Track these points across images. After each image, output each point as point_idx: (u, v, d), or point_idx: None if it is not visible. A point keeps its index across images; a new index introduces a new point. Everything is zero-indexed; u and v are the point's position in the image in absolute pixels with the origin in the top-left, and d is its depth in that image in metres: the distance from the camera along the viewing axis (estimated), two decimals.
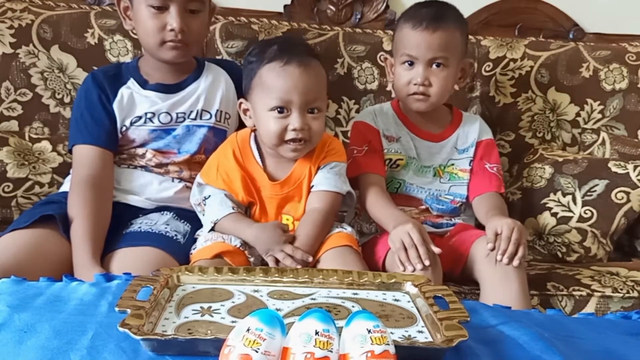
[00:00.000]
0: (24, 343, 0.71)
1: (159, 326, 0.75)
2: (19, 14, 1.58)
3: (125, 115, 1.33)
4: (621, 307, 1.31)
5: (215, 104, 1.39)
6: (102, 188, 1.28)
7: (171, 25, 1.26)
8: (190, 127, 1.36)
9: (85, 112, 1.33)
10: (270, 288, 0.90)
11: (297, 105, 1.20)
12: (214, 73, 1.42)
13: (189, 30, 1.28)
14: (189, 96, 1.37)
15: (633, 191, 1.51)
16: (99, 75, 1.35)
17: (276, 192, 1.28)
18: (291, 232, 1.28)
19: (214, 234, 1.23)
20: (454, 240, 1.37)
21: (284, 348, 0.63)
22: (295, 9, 1.77)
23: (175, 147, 1.36)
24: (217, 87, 1.40)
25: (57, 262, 1.17)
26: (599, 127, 1.74)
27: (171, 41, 1.28)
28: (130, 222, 1.30)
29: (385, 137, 1.45)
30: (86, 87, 1.35)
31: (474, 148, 1.47)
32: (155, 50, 1.31)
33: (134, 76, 1.36)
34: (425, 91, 1.37)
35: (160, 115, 1.34)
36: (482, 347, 0.77)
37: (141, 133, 1.34)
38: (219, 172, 1.28)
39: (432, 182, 1.45)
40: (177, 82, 1.37)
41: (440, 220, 1.44)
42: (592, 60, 1.75)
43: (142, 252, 1.18)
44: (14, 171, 1.44)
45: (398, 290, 0.92)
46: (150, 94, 1.35)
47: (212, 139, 1.38)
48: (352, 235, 1.27)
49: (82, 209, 1.23)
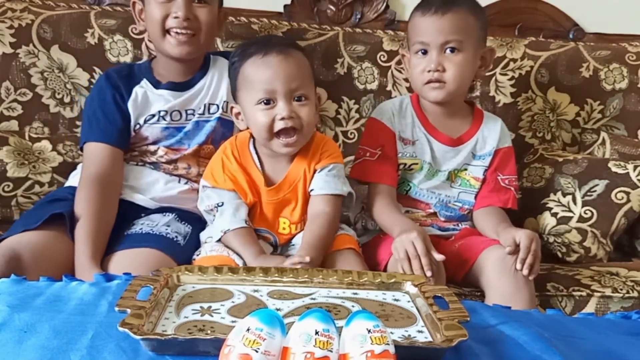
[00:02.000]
0: (24, 343, 0.71)
1: (159, 326, 0.75)
2: (19, 13, 1.58)
3: (139, 113, 1.36)
4: (621, 307, 1.31)
5: (221, 94, 1.41)
6: (110, 187, 1.30)
7: (175, 13, 1.29)
8: (199, 123, 1.40)
9: (98, 111, 1.35)
10: (270, 288, 0.90)
11: (282, 93, 1.19)
12: (219, 66, 1.43)
13: (196, 19, 1.31)
14: (198, 92, 1.40)
15: (633, 191, 1.51)
16: (113, 75, 1.38)
17: (272, 197, 1.28)
18: (288, 235, 1.28)
19: (220, 246, 1.22)
20: (459, 245, 1.35)
21: (284, 348, 0.63)
22: (295, 9, 1.77)
23: (186, 143, 1.39)
24: (222, 78, 1.41)
25: (64, 263, 1.18)
26: (599, 127, 1.74)
27: (176, 29, 1.30)
28: (132, 223, 1.30)
29: (401, 139, 1.40)
30: (99, 86, 1.39)
31: (490, 157, 1.42)
32: (160, 43, 1.34)
33: (146, 76, 1.39)
34: (440, 77, 1.32)
35: (172, 113, 1.38)
36: (482, 347, 0.77)
37: (154, 131, 1.37)
38: (225, 173, 1.27)
39: (442, 187, 1.42)
40: (187, 80, 1.40)
41: (447, 225, 1.42)
42: (592, 60, 1.75)
43: (142, 254, 1.18)
44: (14, 171, 1.44)
45: (398, 290, 0.92)
46: (164, 92, 1.38)
47: (220, 130, 1.41)
48: (352, 237, 1.27)
49: (87, 208, 1.24)
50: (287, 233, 1.29)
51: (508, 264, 1.21)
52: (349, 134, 1.68)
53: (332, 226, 1.26)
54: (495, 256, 1.24)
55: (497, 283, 1.22)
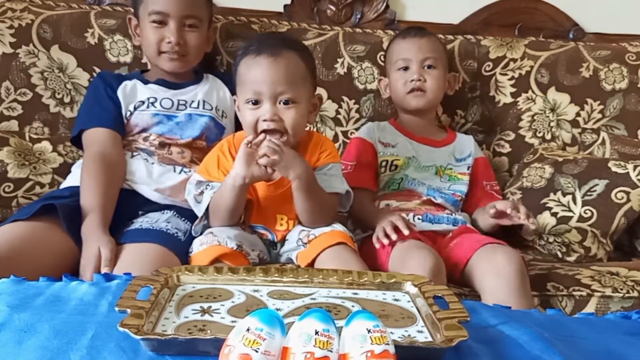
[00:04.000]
0: (24, 343, 0.71)
1: (159, 326, 0.75)
2: (19, 13, 1.58)
3: (129, 101, 1.42)
4: (621, 307, 1.31)
5: (214, 100, 1.49)
6: (113, 164, 1.34)
7: (169, 39, 1.41)
8: (192, 115, 1.45)
9: (94, 102, 1.43)
10: (270, 288, 0.90)
11: (267, 95, 1.22)
12: (211, 82, 1.52)
13: (186, 43, 1.43)
14: (191, 90, 1.48)
15: (633, 191, 1.51)
16: (105, 74, 1.50)
17: (270, 193, 1.28)
18: (285, 231, 1.29)
19: (209, 237, 1.21)
20: (455, 243, 1.36)
21: (283, 348, 0.63)
22: (295, 9, 1.77)
23: (178, 133, 1.43)
24: (214, 91, 1.51)
25: (55, 254, 1.17)
26: (599, 127, 1.74)
27: (168, 52, 1.42)
28: (132, 221, 1.30)
29: (381, 143, 1.52)
30: (94, 84, 1.48)
31: (471, 157, 1.57)
32: (155, 59, 1.45)
33: (137, 77, 1.48)
34: (421, 86, 1.52)
35: (162, 101, 1.44)
36: (482, 347, 0.77)
37: (144, 117, 1.42)
38: (219, 169, 1.28)
39: (433, 179, 1.51)
40: (179, 82, 1.49)
41: (440, 214, 1.44)
42: (592, 60, 1.75)
43: (144, 248, 1.18)
44: (15, 171, 1.44)
45: (398, 290, 0.92)
46: (153, 86, 1.46)
47: (214, 129, 1.46)
48: (345, 233, 1.27)
49: (92, 183, 1.28)
50: (285, 229, 1.29)
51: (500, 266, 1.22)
52: (348, 134, 1.68)
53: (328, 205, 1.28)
54: (485, 258, 1.25)
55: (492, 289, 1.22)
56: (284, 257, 1.30)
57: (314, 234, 1.24)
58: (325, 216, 1.27)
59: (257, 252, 1.25)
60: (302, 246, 1.24)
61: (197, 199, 1.28)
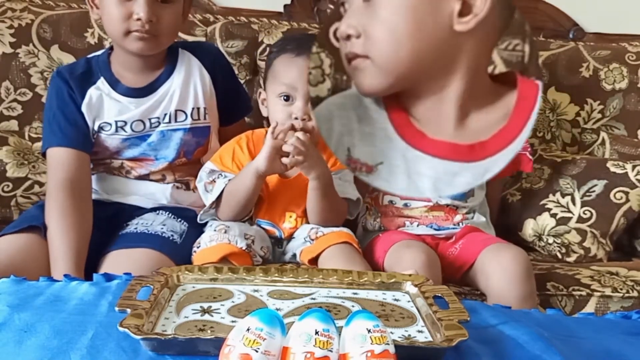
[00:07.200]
0: (24, 343, 0.71)
1: (158, 326, 0.75)
2: (18, 13, 1.58)
3: (95, 116, 1.27)
4: (621, 306, 1.31)
5: (190, 101, 1.32)
6: (81, 193, 1.22)
7: (138, 15, 1.17)
8: (165, 133, 1.31)
9: (58, 112, 1.26)
10: (270, 288, 0.90)
11: (301, 93, 1.23)
12: (186, 65, 1.33)
13: (159, 21, 1.20)
14: (162, 98, 1.30)
15: (632, 191, 1.52)
16: (65, 74, 1.28)
17: (283, 189, 1.29)
18: (293, 229, 1.29)
19: (219, 234, 1.21)
20: (460, 245, 1.33)
21: (284, 348, 0.63)
22: (295, 9, 1.77)
23: (152, 154, 1.31)
24: (190, 82, 1.32)
25: (39, 267, 1.13)
26: (599, 127, 1.75)
27: (137, 31, 1.19)
28: (127, 224, 1.28)
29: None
30: (56, 85, 1.28)
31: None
32: (120, 41, 1.23)
33: (104, 75, 1.29)
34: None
35: (132, 124, 1.28)
36: (482, 346, 0.77)
37: (114, 142, 1.29)
38: (234, 161, 1.30)
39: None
40: (149, 83, 1.30)
41: (446, 224, 1.39)
42: (592, 60, 1.75)
43: (137, 254, 1.16)
44: (14, 171, 1.44)
45: (398, 290, 0.92)
46: (122, 99, 1.28)
47: (192, 141, 1.33)
48: (351, 235, 1.27)
49: (60, 220, 1.17)
50: (293, 227, 1.30)
51: (507, 265, 1.21)
52: None
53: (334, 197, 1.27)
54: (493, 258, 1.24)
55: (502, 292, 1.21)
56: (289, 254, 1.30)
57: (322, 232, 1.26)
58: (335, 219, 1.29)
59: (264, 250, 1.26)
60: (309, 242, 1.25)
61: (207, 187, 1.29)
